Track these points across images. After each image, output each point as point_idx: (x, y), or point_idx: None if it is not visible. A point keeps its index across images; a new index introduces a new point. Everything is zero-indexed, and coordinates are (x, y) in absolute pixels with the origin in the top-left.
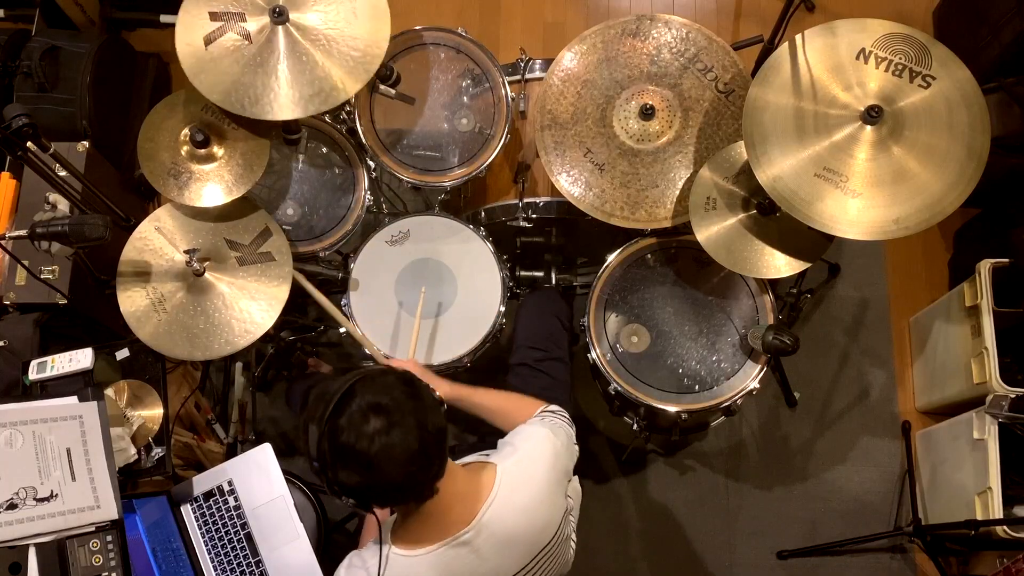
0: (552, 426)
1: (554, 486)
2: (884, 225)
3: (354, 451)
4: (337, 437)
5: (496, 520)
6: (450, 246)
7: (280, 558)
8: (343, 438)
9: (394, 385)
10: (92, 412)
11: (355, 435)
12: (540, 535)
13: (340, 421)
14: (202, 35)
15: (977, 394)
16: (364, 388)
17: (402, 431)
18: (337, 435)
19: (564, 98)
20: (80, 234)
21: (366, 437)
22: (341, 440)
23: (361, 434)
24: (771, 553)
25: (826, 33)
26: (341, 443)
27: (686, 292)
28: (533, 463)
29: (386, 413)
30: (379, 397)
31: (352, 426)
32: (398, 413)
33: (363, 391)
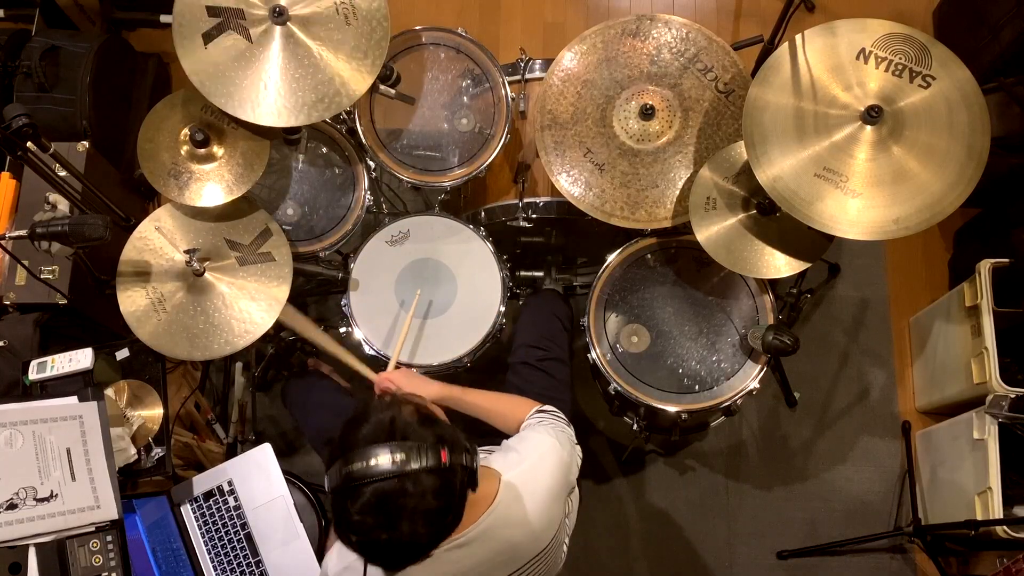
0: (557, 434)
1: (556, 498)
2: (884, 225)
3: (356, 533)
4: (344, 517)
5: (493, 529)
6: (450, 246)
7: (280, 558)
8: (350, 520)
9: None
10: (92, 412)
11: (360, 531)
12: (534, 545)
13: (351, 511)
14: (200, 33)
15: (977, 394)
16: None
17: (411, 525)
18: (345, 515)
19: (564, 98)
20: (80, 234)
21: (368, 537)
22: (348, 519)
23: (365, 533)
24: (771, 553)
25: (826, 33)
26: (347, 521)
27: (686, 292)
28: (537, 476)
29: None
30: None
31: (363, 524)
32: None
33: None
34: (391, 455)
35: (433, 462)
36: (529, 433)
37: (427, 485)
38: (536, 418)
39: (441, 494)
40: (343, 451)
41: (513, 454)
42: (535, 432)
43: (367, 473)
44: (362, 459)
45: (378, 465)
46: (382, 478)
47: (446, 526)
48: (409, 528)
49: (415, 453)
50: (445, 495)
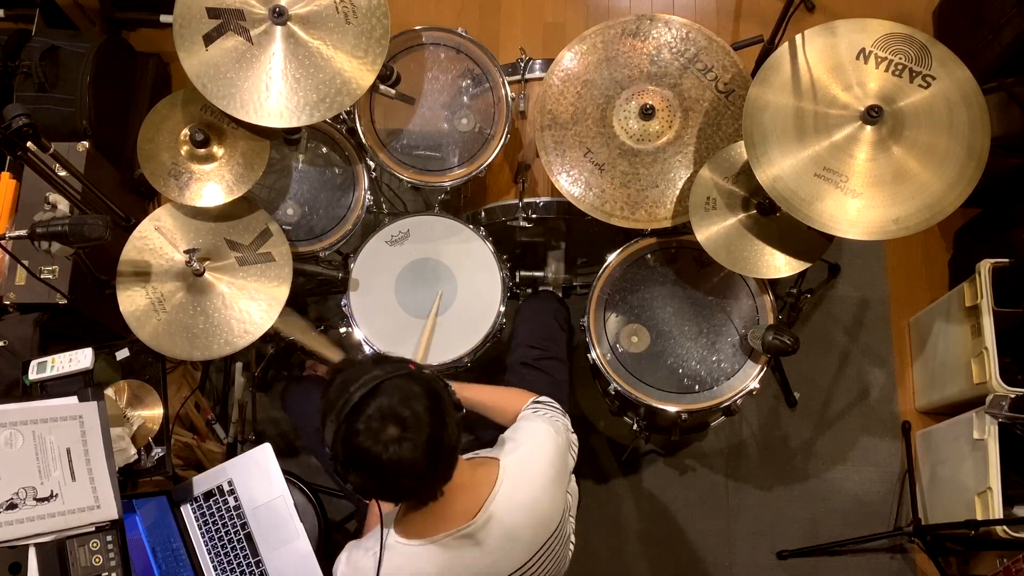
0: (551, 421)
1: (556, 482)
2: (884, 225)
3: (366, 455)
4: (352, 437)
5: (499, 514)
6: (450, 246)
7: (280, 558)
8: (357, 440)
9: (418, 396)
10: (92, 412)
11: (370, 441)
12: (541, 531)
13: (357, 424)
14: (201, 34)
15: (977, 394)
16: (388, 392)
17: (413, 445)
18: (352, 435)
19: (564, 98)
20: (80, 234)
21: (380, 444)
22: (355, 441)
23: (376, 440)
24: (771, 553)
25: (826, 33)
26: (355, 444)
27: (686, 292)
28: (535, 459)
29: (403, 425)
30: (400, 407)
31: (368, 431)
32: (415, 428)
33: (386, 395)
34: (369, 374)
35: (402, 370)
36: (523, 423)
37: (410, 384)
38: (531, 408)
39: (425, 388)
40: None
41: (510, 443)
42: (529, 421)
43: (366, 383)
44: (344, 396)
45: (363, 383)
46: (380, 383)
47: (446, 414)
48: (413, 418)
49: (385, 368)
50: (429, 388)
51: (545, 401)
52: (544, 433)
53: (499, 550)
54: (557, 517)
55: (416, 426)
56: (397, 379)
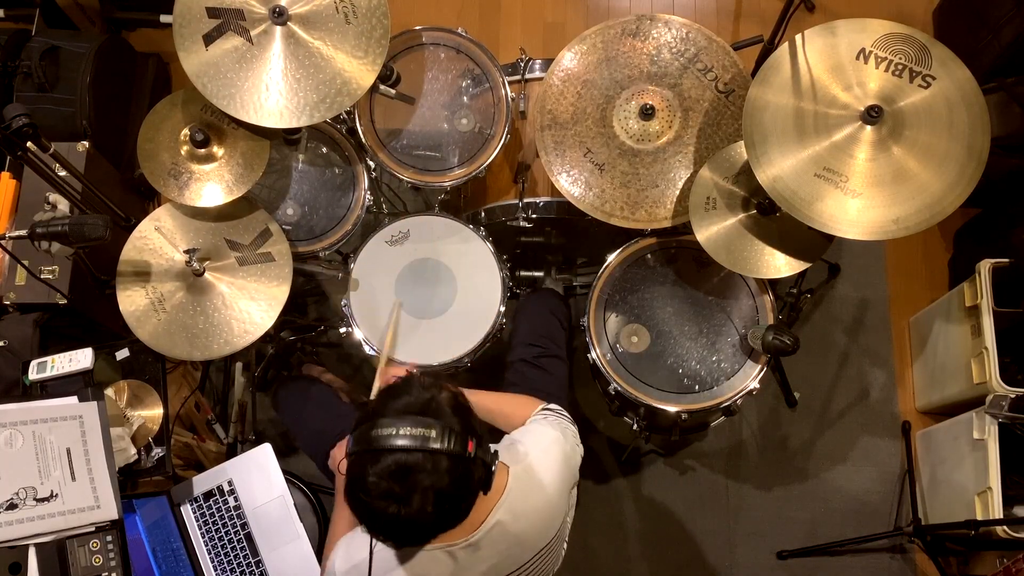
0: (561, 428)
1: (561, 489)
2: (884, 225)
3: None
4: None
5: (505, 521)
6: (450, 246)
7: (280, 558)
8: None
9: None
10: (92, 412)
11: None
12: (543, 536)
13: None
14: (201, 35)
15: (977, 394)
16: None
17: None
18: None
19: (564, 98)
20: (80, 234)
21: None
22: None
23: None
24: (771, 553)
25: (826, 33)
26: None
27: (686, 292)
28: (544, 468)
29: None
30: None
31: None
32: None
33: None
34: (421, 429)
35: (459, 448)
36: (533, 426)
37: (446, 468)
38: (540, 415)
39: (458, 481)
40: (375, 415)
41: (519, 446)
42: (539, 425)
43: (393, 439)
44: (392, 426)
45: (406, 435)
46: (406, 449)
47: (453, 515)
48: (419, 504)
49: (444, 434)
50: (462, 483)
51: (555, 409)
52: (552, 439)
53: (501, 555)
54: (558, 522)
55: (417, 505)
56: (441, 457)
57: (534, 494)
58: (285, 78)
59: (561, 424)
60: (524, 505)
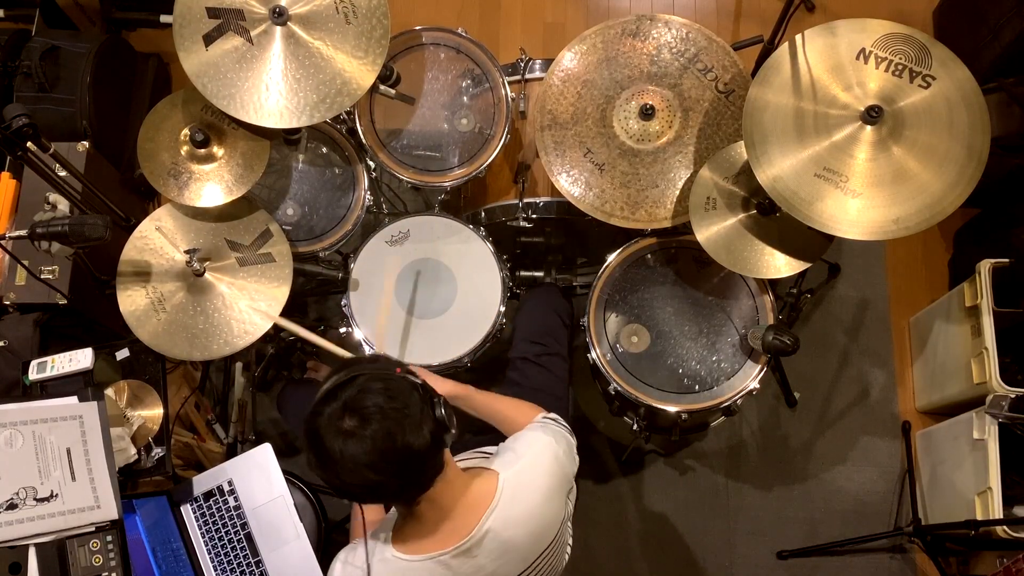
0: (554, 433)
1: (554, 494)
2: (884, 225)
3: (321, 442)
4: (313, 421)
5: (496, 529)
6: (450, 246)
7: (280, 558)
8: (317, 424)
9: (391, 396)
10: (92, 412)
11: (325, 426)
12: (538, 543)
13: (323, 410)
14: (201, 35)
15: (977, 394)
16: (361, 386)
17: (369, 439)
18: (314, 419)
19: (564, 98)
20: (80, 234)
21: (333, 432)
22: (315, 425)
23: (331, 428)
24: (771, 553)
25: (826, 33)
26: (314, 428)
27: (686, 292)
28: (534, 472)
29: (361, 417)
30: (364, 400)
31: (328, 419)
32: (374, 422)
33: (358, 388)
34: (341, 374)
35: (389, 371)
36: (525, 433)
37: (380, 388)
38: (540, 423)
39: (397, 393)
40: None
41: (509, 453)
42: (532, 431)
43: (326, 393)
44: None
45: (342, 375)
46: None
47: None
48: (375, 423)
49: (375, 364)
50: (401, 395)
51: (554, 418)
52: (544, 444)
53: (494, 563)
54: (556, 527)
55: (376, 421)
56: (377, 378)
57: (525, 500)
58: (285, 78)
59: (556, 431)
60: (515, 511)
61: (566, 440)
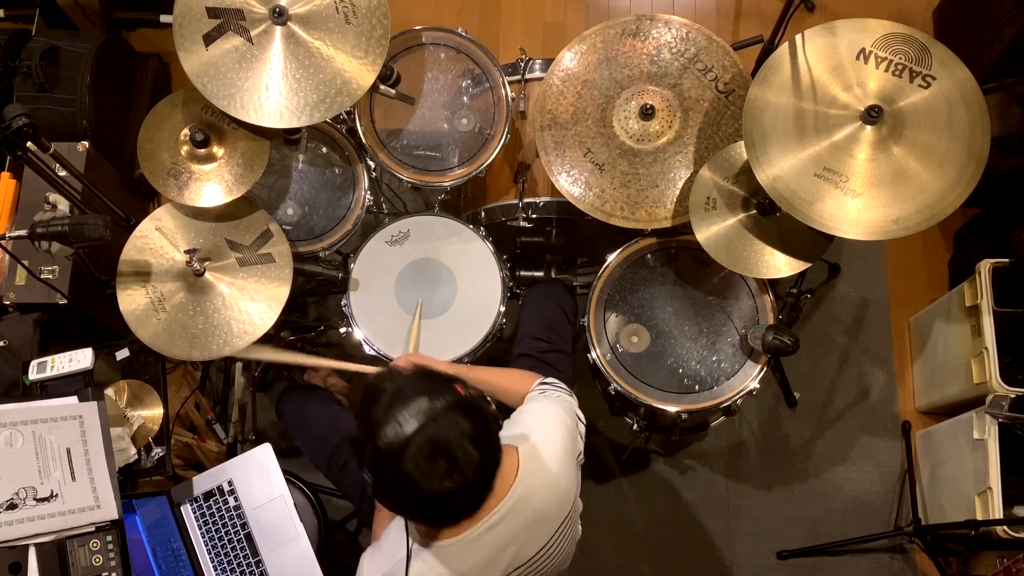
0: (559, 402)
1: (569, 459)
2: (884, 225)
3: (411, 486)
4: (398, 465)
5: (524, 499)
6: (450, 246)
7: (280, 558)
8: (404, 469)
9: (469, 432)
10: (92, 412)
11: (417, 472)
12: (561, 509)
13: (406, 454)
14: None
15: (977, 394)
16: (440, 425)
17: (462, 479)
18: (398, 463)
19: (564, 98)
20: (80, 234)
21: (426, 477)
22: (402, 469)
23: (422, 474)
24: (771, 553)
25: (826, 33)
26: (401, 472)
27: (686, 292)
28: (549, 443)
29: (453, 463)
30: (452, 444)
31: (417, 465)
32: (465, 465)
33: (438, 428)
34: (418, 407)
35: (453, 398)
36: (532, 405)
37: (462, 415)
38: (539, 390)
39: (477, 418)
40: (370, 430)
41: (520, 427)
42: (538, 403)
43: (404, 428)
44: (393, 424)
45: (411, 416)
46: (422, 427)
47: (494, 451)
48: (466, 459)
49: (437, 396)
50: (480, 419)
51: (551, 382)
52: (554, 414)
53: (525, 533)
54: (573, 494)
55: (466, 463)
56: (449, 412)
57: (545, 469)
58: (285, 78)
59: (560, 399)
60: (537, 480)
61: (568, 403)
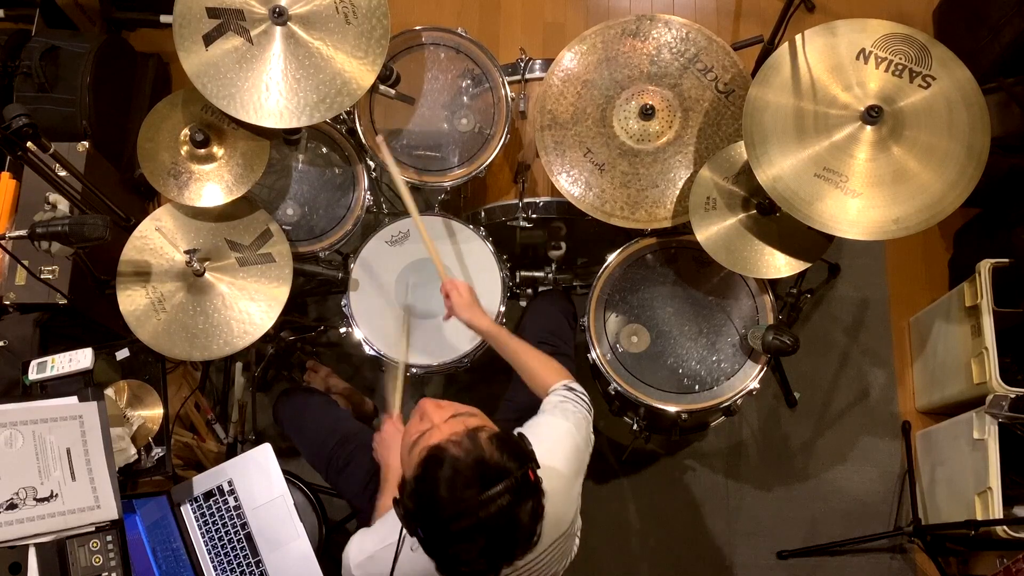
0: (575, 420)
1: (571, 481)
2: (884, 225)
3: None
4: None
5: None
6: (450, 246)
7: (280, 558)
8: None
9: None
10: (92, 412)
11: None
12: (553, 531)
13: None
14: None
15: (977, 394)
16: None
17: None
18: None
19: (564, 98)
20: (80, 234)
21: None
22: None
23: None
24: (771, 553)
25: (826, 33)
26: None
27: (686, 292)
28: (554, 459)
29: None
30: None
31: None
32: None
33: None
34: (498, 498)
35: (527, 488)
36: (545, 417)
37: (527, 509)
38: (560, 395)
39: (535, 509)
40: (437, 501)
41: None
42: (552, 416)
43: (480, 521)
44: (471, 511)
45: (489, 511)
46: (492, 520)
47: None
48: (518, 548)
49: (514, 487)
50: (536, 507)
51: (576, 390)
52: (564, 432)
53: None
54: (571, 515)
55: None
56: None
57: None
58: (285, 78)
59: (576, 415)
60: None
61: (586, 423)
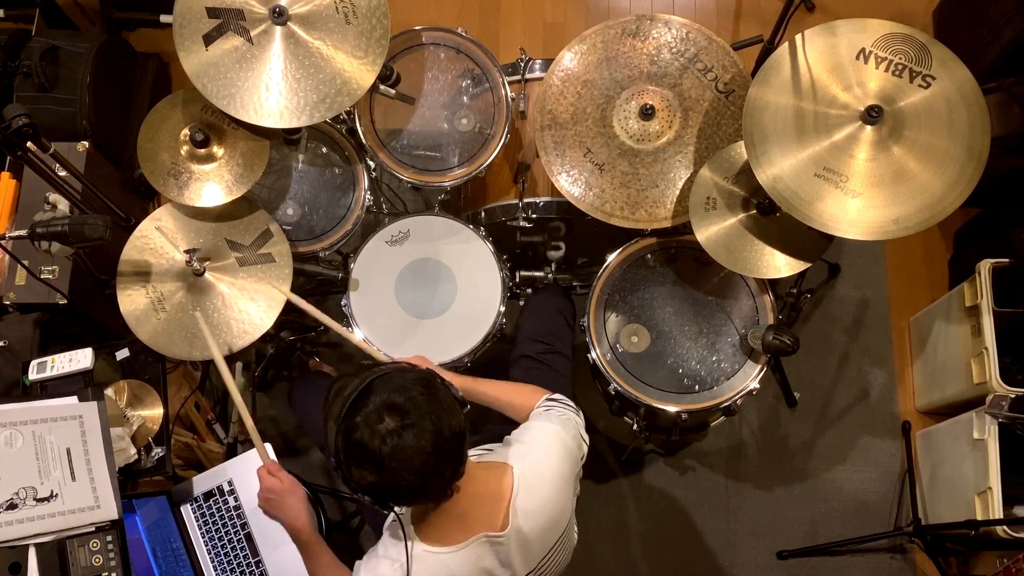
0: (562, 421)
1: (565, 484)
2: (884, 225)
3: (367, 450)
4: (351, 434)
5: (518, 523)
6: (450, 246)
7: (280, 558)
8: (356, 435)
9: (412, 384)
10: (92, 412)
11: (368, 433)
12: (552, 533)
13: (356, 419)
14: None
15: (977, 394)
16: (382, 386)
17: (415, 432)
18: (351, 432)
19: (564, 98)
20: (80, 234)
21: (379, 436)
22: (355, 437)
23: (374, 433)
24: (771, 553)
25: (826, 33)
26: (355, 440)
27: (686, 292)
28: (546, 463)
29: (401, 413)
30: (395, 396)
31: (366, 424)
32: (414, 414)
33: (381, 389)
34: (362, 373)
35: (399, 366)
36: (532, 423)
37: (407, 377)
38: (544, 407)
39: (422, 381)
40: (330, 407)
41: (519, 446)
42: (538, 421)
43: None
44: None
45: (358, 381)
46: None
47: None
48: (409, 402)
49: (392, 369)
50: (425, 381)
51: (558, 399)
52: (553, 434)
53: (516, 555)
54: (567, 516)
55: (415, 413)
56: (390, 373)
57: (539, 492)
58: (285, 78)
59: (563, 417)
60: (532, 504)
61: (573, 424)
